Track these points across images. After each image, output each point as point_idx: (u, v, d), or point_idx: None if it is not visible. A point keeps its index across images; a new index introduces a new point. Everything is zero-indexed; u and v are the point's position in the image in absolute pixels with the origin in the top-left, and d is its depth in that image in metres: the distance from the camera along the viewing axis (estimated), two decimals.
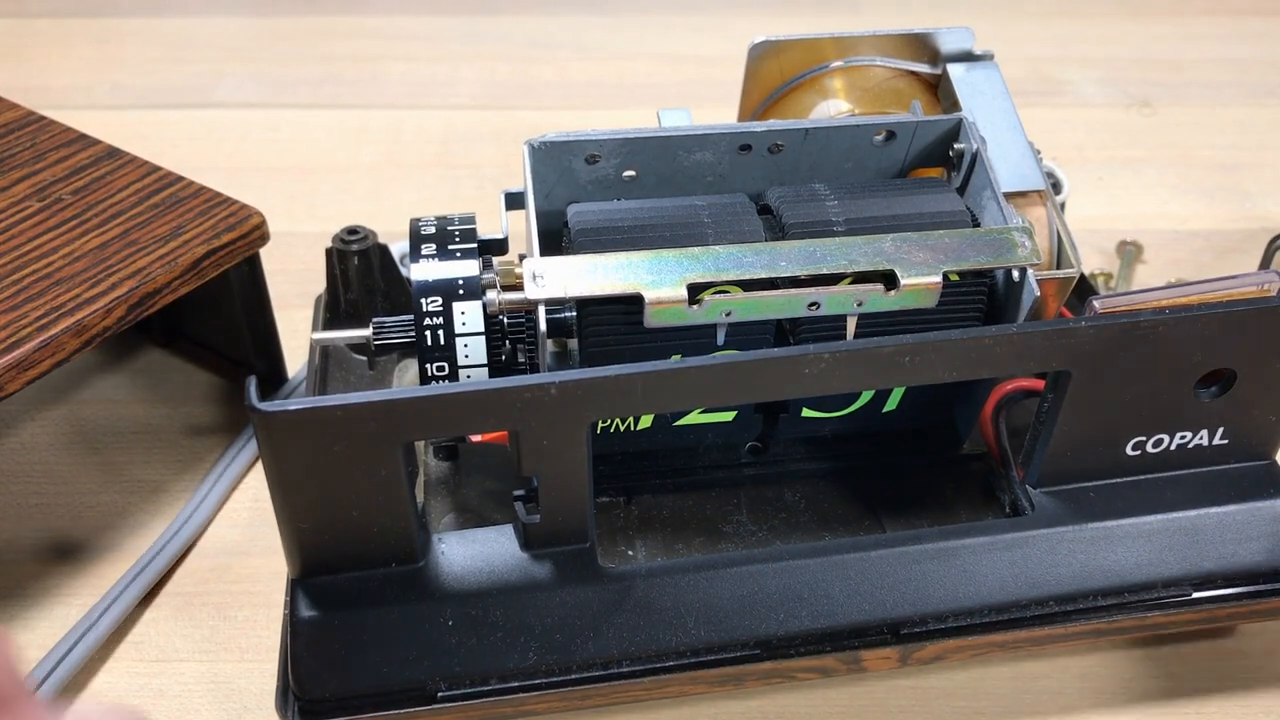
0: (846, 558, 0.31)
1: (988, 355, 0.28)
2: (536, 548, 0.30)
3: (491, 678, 0.29)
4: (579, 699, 0.30)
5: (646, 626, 0.30)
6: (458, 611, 0.29)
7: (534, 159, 0.34)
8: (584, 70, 0.70)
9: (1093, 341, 0.29)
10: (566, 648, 0.30)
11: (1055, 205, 0.37)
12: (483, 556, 0.30)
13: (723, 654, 0.31)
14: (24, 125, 0.44)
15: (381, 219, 0.56)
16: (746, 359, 0.27)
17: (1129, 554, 0.32)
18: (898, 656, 0.32)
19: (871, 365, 0.28)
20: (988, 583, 0.32)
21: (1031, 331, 0.28)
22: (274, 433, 0.25)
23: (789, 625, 0.31)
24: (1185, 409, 0.31)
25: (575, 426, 0.27)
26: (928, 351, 0.28)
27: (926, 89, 0.40)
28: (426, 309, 0.31)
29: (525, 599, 0.30)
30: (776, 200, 0.34)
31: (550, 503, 0.29)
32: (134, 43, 0.72)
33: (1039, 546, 0.32)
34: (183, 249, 0.38)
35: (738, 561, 0.31)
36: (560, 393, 0.26)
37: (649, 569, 0.31)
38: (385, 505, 0.27)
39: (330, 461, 0.26)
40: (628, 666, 0.30)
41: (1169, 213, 0.58)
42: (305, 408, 0.25)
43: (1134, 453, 0.32)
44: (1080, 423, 0.31)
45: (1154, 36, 0.74)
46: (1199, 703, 0.35)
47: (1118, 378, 0.30)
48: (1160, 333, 0.29)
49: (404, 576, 0.30)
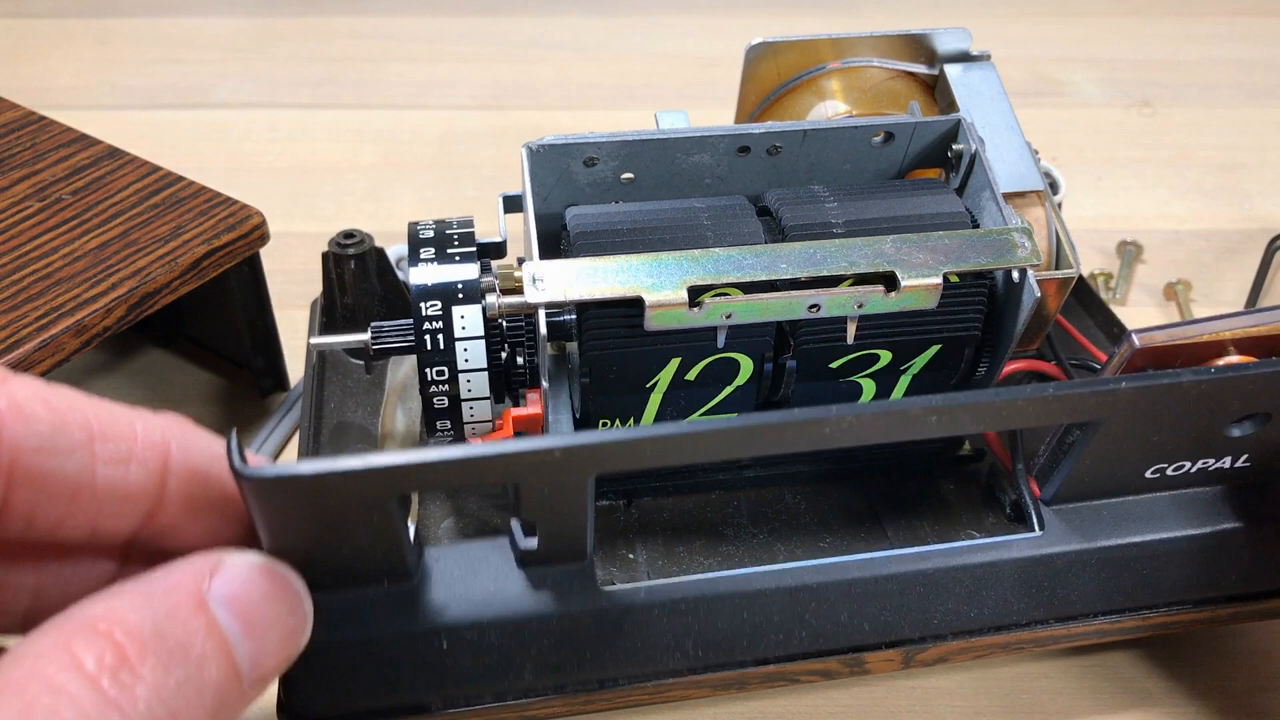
0: (850, 577, 0.30)
1: (1019, 413, 0.27)
2: (533, 566, 0.30)
3: (487, 698, 0.29)
4: (581, 704, 0.30)
5: (645, 649, 0.30)
6: (452, 634, 0.29)
7: (532, 162, 0.34)
8: (583, 71, 0.70)
9: (1129, 399, 0.28)
10: (563, 669, 0.29)
11: (1053, 205, 0.37)
12: (477, 573, 0.29)
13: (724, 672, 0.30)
14: (24, 125, 0.44)
15: (381, 219, 0.57)
16: (764, 421, 0.25)
17: (1141, 573, 0.32)
18: (900, 658, 0.32)
19: (896, 424, 0.26)
20: (994, 603, 0.31)
21: (1067, 394, 0.27)
22: (257, 495, 0.23)
23: (789, 647, 0.30)
24: (1214, 442, 0.30)
25: (578, 481, 0.26)
26: (956, 411, 0.26)
27: (924, 90, 0.40)
28: (426, 313, 0.31)
29: (522, 620, 0.29)
30: (775, 202, 0.34)
31: (549, 534, 0.28)
32: (134, 43, 0.72)
33: (1048, 566, 0.31)
34: (183, 249, 0.38)
35: (740, 582, 0.30)
36: (565, 455, 0.25)
37: (648, 590, 0.30)
38: (377, 543, 0.26)
39: (319, 515, 0.25)
40: (625, 685, 0.30)
41: (1169, 213, 0.58)
42: (291, 474, 0.23)
43: (1153, 475, 0.32)
44: (1105, 457, 0.30)
45: (1154, 36, 0.74)
46: (1199, 703, 0.35)
47: (1150, 424, 0.29)
48: (1202, 389, 0.28)
49: (396, 596, 0.29)
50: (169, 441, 0.23)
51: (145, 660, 0.19)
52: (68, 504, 0.22)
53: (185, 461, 0.23)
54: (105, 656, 0.19)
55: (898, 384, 0.35)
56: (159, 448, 0.23)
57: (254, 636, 0.22)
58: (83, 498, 0.22)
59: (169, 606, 0.21)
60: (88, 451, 0.22)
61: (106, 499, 0.22)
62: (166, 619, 0.20)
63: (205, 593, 0.21)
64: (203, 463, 0.23)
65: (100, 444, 0.22)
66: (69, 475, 0.21)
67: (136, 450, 0.22)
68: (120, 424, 0.22)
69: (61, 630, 0.19)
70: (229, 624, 0.21)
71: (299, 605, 0.23)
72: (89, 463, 0.22)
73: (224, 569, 0.22)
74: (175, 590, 0.21)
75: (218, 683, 0.21)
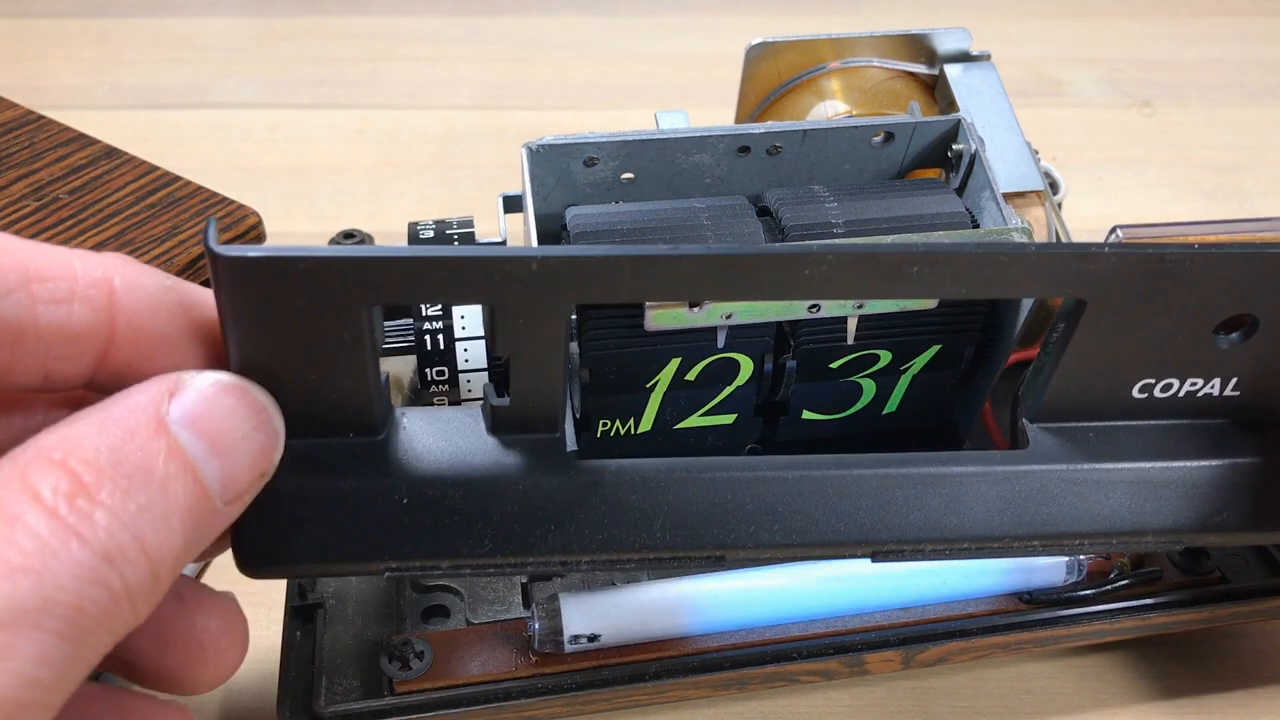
0: (827, 474, 0.30)
1: (1001, 272, 0.27)
2: (504, 432, 0.28)
3: (443, 561, 0.28)
4: (581, 704, 0.30)
5: (610, 525, 0.29)
6: (414, 490, 0.28)
7: (532, 162, 0.34)
8: (583, 70, 0.70)
9: (1113, 270, 0.27)
10: (524, 538, 0.28)
11: (1053, 205, 0.37)
12: (445, 435, 0.28)
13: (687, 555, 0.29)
14: (22, 125, 0.44)
15: (381, 219, 0.57)
16: (745, 252, 0.25)
17: (1123, 500, 0.31)
18: (900, 659, 0.32)
19: (876, 272, 0.26)
20: (974, 515, 0.30)
21: (1048, 253, 0.27)
22: (232, 278, 0.23)
23: (759, 538, 0.29)
24: (1200, 354, 0.30)
25: (555, 307, 0.25)
26: (937, 261, 0.26)
27: (923, 90, 0.40)
28: (426, 313, 0.31)
29: (487, 484, 0.28)
30: (775, 202, 0.34)
31: (522, 386, 0.27)
32: (134, 43, 0.72)
33: (1031, 483, 0.30)
34: (179, 249, 0.38)
35: (714, 468, 0.29)
36: (542, 269, 0.24)
37: (619, 466, 0.29)
38: (346, 370, 0.26)
39: (291, 316, 0.24)
40: (586, 565, 0.29)
41: (1169, 213, 0.58)
42: (269, 255, 0.22)
43: (1140, 395, 0.31)
44: (1090, 357, 0.30)
45: (1154, 36, 0.74)
46: (1199, 703, 0.35)
47: (1134, 312, 0.28)
48: (1186, 268, 0.27)
49: (360, 448, 0.27)
50: (112, 278, 0.22)
51: (102, 486, 0.19)
52: (12, 348, 0.21)
53: (132, 297, 0.22)
54: (60, 484, 0.19)
55: (898, 384, 0.35)
56: (102, 284, 0.22)
57: (221, 455, 0.21)
58: (27, 340, 0.21)
59: (126, 430, 0.20)
60: (25, 293, 0.21)
61: (53, 340, 0.21)
62: (124, 443, 0.20)
63: (164, 414, 0.21)
64: (151, 296, 0.23)
65: (38, 284, 0.21)
66: (8, 319, 0.21)
67: (78, 289, 0.22)
68: (58, 263, 0.22)
69: (15, 463, 0.19)
70: (192, 444, 0.21)
71: (267, 420, 0.23)
72: (28, 304, 0.21)
73: (184, 388, 0.21)
74: (133, 414, 0.20)
75: (186, 505, 0.20)
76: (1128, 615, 0.32)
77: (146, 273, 0.23)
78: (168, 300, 0.23)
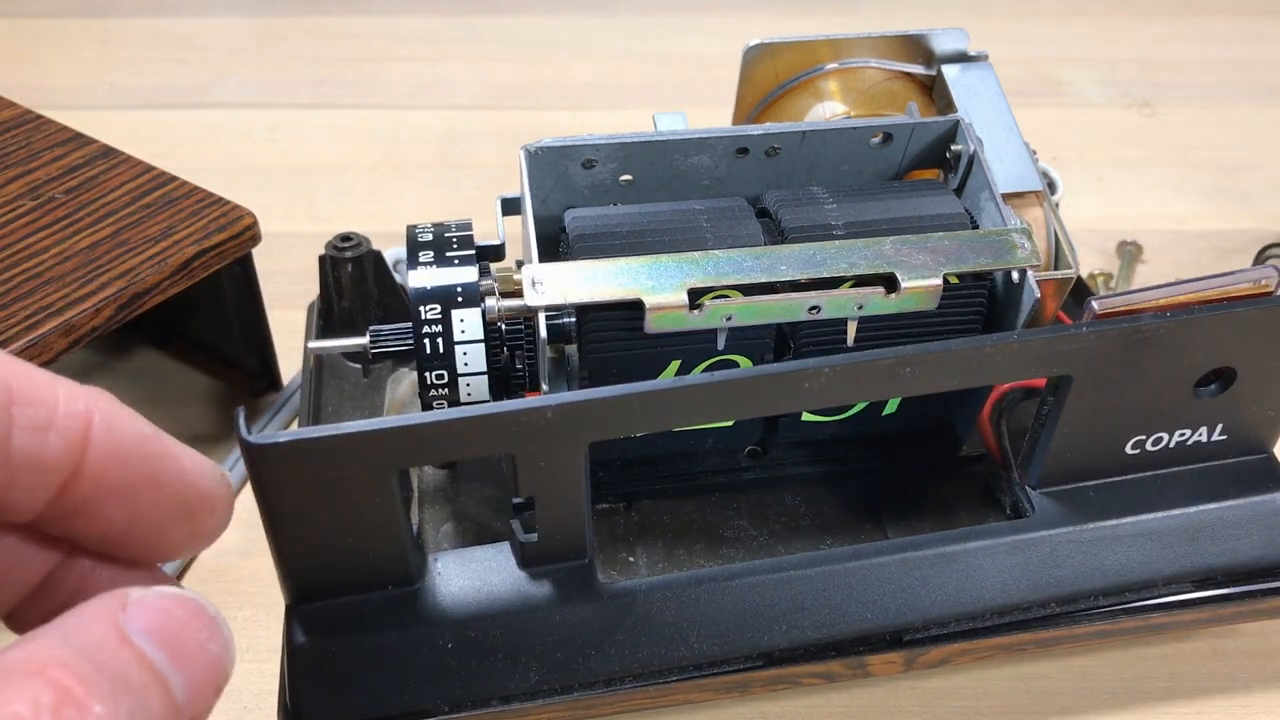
0: (848, 566, 0.31)
1: (988, 363, 0.28)
2: (535, 565, 0.30)
3: (493, 699, 0.29)
4: (584, 708, 0.30)
5: (648, 643, 0.30)
6: (457, 634, 0.29)
7: (530, 164, 0.34)
8: (583, 70, 0.70)
9: (1093, 346, 0.29)
10: (568, 666, 0.29)
11: (1052, 206, 0.37)
12: (479, 575, 0.30)
13: (726, 667, 0.30)
14: (20, 124, 0.44)
15: (381, 219, 0.57)
16: (746, 376, 0.27)
17: (1130, 553, 0.32)
18: (902, 661, 0.32)
19: (871, 377, 0.28)
20: (990, 586, 0.31)
21: (1032, 340, 0.28)
22: (264, 464, 0.24)
23: (792, 636, 0.30)
24: (1185, 408, 0.31)
25: (573, 448, 0.27)
26: (928, 362, 0.28)
27: (921, 90, 0.40)
28: (425, 317, 0.31)
29: (525, 619, 0.29)
30: (774, 203, 0.34)
31: (548, 521, 0.29)
32: (134, 43, 0.72)
33: (1040, 549, 0.32)
34: (173, 249, 0.38)
35: (739, 574, 0.31)
36: (557, 416, 0.26)
37: (649, 585, 0.30)
38: (380, 531, 0.27)
39: (323, 491, 0.25)
40: (630, 684, 0.30)
41: (1169, 213, 0.58)
42: (296, 439, 0.24)
43: (1133, 451, 0.32)
44: (1080, 425, 0.31)
45: (1154, 36, 0.74)
46: (1199, 703, 0.35)
47: (1118, 380, 0.30)
48: (1161, 335, 0.29)
49: (401, 599, 0.29)
50: (93, 414, 0.21)
51: (92, 693, 0.18)
52: None
53: (108, 436, 0.22)
54: (43, 697, 0.18)
55: None
56: (81, 418, 0.21)
57: (182, 667, 0.21)
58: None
59: (93, 641, 0.19)
60: (5, 414, 0.20)
61: (21, 467, 0.21)
62: (96, 653, 0.19)
63: (123, 625, 0.20)
64: (127, 441, 0.22)
65: (19, 408, 0.20)
66: None
67: (57, 419, 0.21)
68: (42, 389, 0.21)
69: None
70: (155, 654, 0.20)
71: (218, 632, 0.22)
72: (5, 426, 0.20)
73: (134, 603, 0.21)
74: (92, 626, 0.20)
75: (161, 714, 0.20)
76: (1128, 615, 0.32)
77: (127, 415, 0.22)
78: (141, 450, 0.22)
